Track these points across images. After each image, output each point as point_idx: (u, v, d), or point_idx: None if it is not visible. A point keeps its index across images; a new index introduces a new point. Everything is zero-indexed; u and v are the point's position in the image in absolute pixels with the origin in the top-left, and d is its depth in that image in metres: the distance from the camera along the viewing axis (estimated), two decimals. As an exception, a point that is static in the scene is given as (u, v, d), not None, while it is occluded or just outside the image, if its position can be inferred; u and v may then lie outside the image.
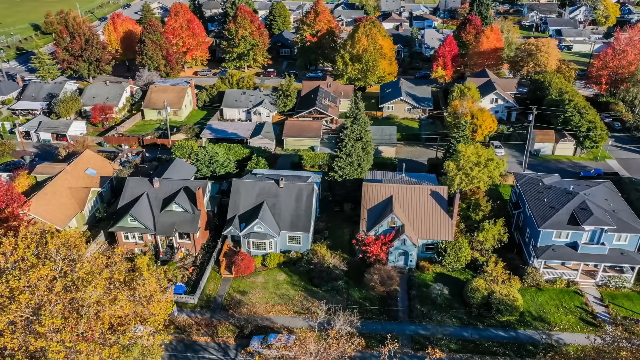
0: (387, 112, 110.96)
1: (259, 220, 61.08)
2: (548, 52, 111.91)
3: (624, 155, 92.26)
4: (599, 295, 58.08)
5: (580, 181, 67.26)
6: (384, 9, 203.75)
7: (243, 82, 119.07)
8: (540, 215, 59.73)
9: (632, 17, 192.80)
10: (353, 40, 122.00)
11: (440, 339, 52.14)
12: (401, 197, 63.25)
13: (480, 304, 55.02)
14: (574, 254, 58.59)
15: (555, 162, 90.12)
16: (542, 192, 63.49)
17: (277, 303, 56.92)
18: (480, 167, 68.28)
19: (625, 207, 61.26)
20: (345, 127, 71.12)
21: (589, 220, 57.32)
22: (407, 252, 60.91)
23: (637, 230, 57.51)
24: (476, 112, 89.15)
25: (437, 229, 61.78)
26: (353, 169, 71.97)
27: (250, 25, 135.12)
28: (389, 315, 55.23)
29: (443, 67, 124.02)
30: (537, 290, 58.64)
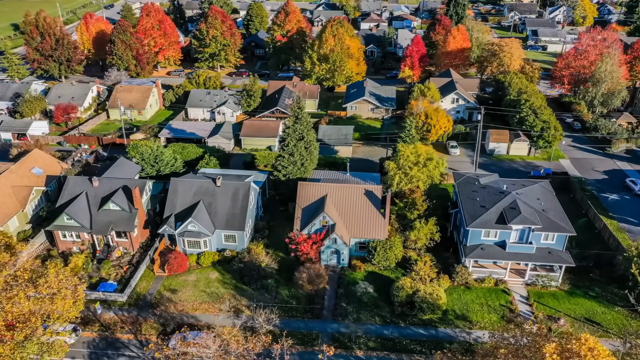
0: (351, 112, 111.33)
1: (192, 219, 61.51)
2: (511, 52, 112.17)
3: (578, 155, 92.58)
4: (526, 293, 58.39)
5: (517, 181, 67.52)
6: (365, 9, 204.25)
7: (210, 81, 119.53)
8: (470, 214, 60.11)
9: (611, 18, 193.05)
10: (320, 41, 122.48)
11: (360, 337, 52.49)
12: (335, 196, 63.65)
13: (404, 302, 55.37)
14: (503, 253, 58.97)
15: (509, 161, 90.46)
16: (477, 191, 63.83)
17: (205, 301, 57.35)
18: (419, 166, 68.68)
19: (556, 206, 61.56)
20: (288, 127, 71.52)
21: (516, 219, 57.67)
22: (338, 250, 61.28)
23: (564, 230, 57.84)
24: (430, 112, 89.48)
25: (370, 227, 62.17)
26: (296, 168, 72.34)
27: (221, 25, 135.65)
28: (314, 313, 55.58)
29: (411, 67, 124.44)
30: (465, 289, 59.00)
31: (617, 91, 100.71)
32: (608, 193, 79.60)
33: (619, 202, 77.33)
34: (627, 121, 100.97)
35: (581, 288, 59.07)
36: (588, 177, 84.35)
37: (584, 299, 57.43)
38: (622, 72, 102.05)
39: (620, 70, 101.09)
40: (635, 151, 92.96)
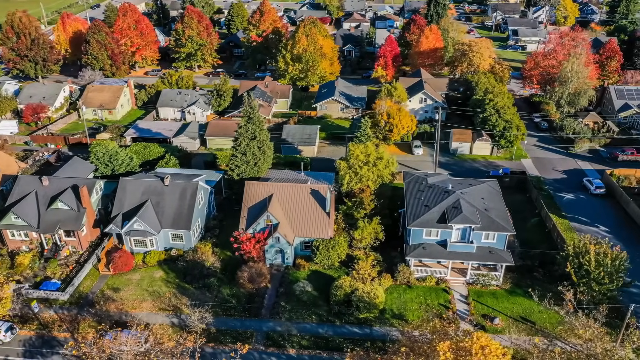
0: (322, 112, 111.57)
1: (137, 218, 61.81)
2: (480, 52, 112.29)
3: (541, 155, 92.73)
4: (467, 292, 58.61)
5: (466, 180, 67.69)
6: (349, 9, 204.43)
7: (182, 81, 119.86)
8: (412, 213, 60.32)
9: (594, 17, 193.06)
10: (294, 41, 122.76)
11: (294, 336, 52.72)
12: (281, 195, 63.90)
13: (342, 301, 55.60)
14: (444, 252, 59.16)
15: (471, 161, 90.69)
16: (423, 190, 64.03)
17: (146, 300, 57.64)
18: (369, 166, 68.89)
19: (500, 206, 61.73)
20: (240, 127, 71.80)
21: (456, 218, 57.87)
22: (282, 250, 61.54)
23: (503, 229, 58.01)
24: (393, 112, 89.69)
25: (314, 227, 62.43)
26: (249, 167, 72.66)
27: (197, 25, 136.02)
28: (252, 312, 55.85)
29: (384, 67, 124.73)
30: (406, 288, 59.22)
31: (583, 91, 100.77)
32: (564, 193, 79.77)
33: (574, 201, 77.49)
34: (594, 121, 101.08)
35: (522, 287, 59.19)
36: (547, 177, 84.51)
37: (523, 298, 57.59)
38: (589, 72, 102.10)
39: (586, 70, 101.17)
40: (598, 151, 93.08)
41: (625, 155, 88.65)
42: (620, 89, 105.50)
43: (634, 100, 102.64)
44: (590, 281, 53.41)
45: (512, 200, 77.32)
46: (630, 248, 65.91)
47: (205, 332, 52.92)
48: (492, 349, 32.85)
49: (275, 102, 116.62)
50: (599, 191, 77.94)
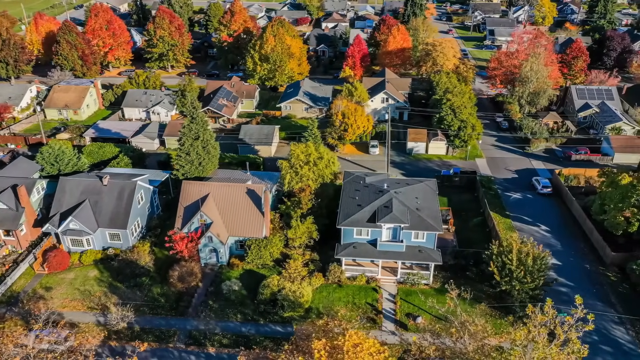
0: (286, 112, 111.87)
1: (72, 217, 62.18)
2: (444, 52, 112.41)
3: (496, 155, 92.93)
4: (396, 291, 58.85)
5: (404, 180, 67.96)
6: (330, 9, 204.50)
7: (149, 81, 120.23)
8: (345, 212, 60.56)
9: (574, 17, 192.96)
10: (262, 41, 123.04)
11: (216, 334, 53.03)
12: (218, 195, 64.21)
13: (268, 300, 55.90)
14: (374, 251, 59.40)
15: (426, 160, 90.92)
16: (359, 190, 64.26)
17: (76, 299, 57.99)
18: (310, 165, 69.15)
19: (433, 205, 61.89)
20: (184, 127, 72.14)
21: (385, 218, 58.09)
22: (216, 249, 61.85)
23: (433, 228, 58.23)
24: (347, 112, 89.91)
25: (249, 226, 62.74)
26: (194, 167, 73.03)
27: (169, 25, 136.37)
28: (178, 311, 56.17)
29: (352, 67, 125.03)
30: (337, 287, 59.48)
31: (542, 90, 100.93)
32: (512, 192, 79.95)
33: (520, 200, 77.68)
34: (554, 120, 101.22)
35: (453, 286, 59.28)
36: (498, 176, 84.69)
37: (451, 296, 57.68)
38: (549, 71, 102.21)
39: (546, 70, 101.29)
40: (554, 150, 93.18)
41: (579, 154, 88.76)
42: (582, 88, 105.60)
43: (594, 100, 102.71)
44: (512, 280, 53.61)
45: (460, 199, 78.00)
46: (566, 247, 66.62)
47: (129, 330, 53.29)
48: (366, 347, 33.08)
49: (242, 102, 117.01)
50: (545, 190, 78.13)
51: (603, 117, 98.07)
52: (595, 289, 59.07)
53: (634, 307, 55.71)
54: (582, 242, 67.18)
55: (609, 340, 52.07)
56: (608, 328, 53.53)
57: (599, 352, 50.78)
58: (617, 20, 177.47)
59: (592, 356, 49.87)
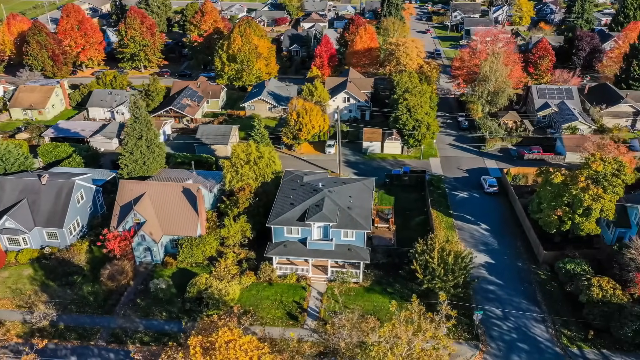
0: (250, 112, 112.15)
1: (7, 216, 62.56)
2: (407, 52, 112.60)
3: (451, 154, 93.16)
4: (325, 290, 59.14)
5: (341, 179, 68.31)
6: (310, 9, 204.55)
7: (115, 81, 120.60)
8: (276, 211, 60.85)
9: (554, 17, 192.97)
10: (229, 41, 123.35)
11: (138, 332, 53.36)
12: (154, 194, 64.55)
13: (195, 298, 56.23)
14: (304, 250, 59.72)
15: (380, 160, 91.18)
16: (295, 189, 64.58)
17: (6, 297, 58.32)
18: (250, 164, 69.47)
19: (367, 204, 62.21)
20: (127, 126, 72.52)
21: (314, 216, 58.39)
22: (150, 247, 62.19)
23: (361, 227, 58.48)
24: (302, 111, 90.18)
25: (183, 225, 63.07)
26: (138, 166, 73.42)
27: (140, 25, 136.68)
28: (106, 309, 56.51)
29: (320, 66, 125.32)
30: (267, 285, 59.78)
31: (501, 90, 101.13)
32: (460, 191, 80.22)
33: (466, 199, 77.94)
34: (513, 120, 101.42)
35: (382, 284, 59.70)
36: (450, 176, 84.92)
37: (379, 295, 58.08)
38: (509, 71, 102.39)
39: (505, 69, 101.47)
40: (508, 150, 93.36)
41: (532, 154, 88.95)
42: (542, 88, 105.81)
43: (554, 100, 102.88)
44: (433, 278, 53.88)
45: (407, 198, 78.30)
46: (502, 246, 66.99)
47: (53, 328, 53.66)
48: (239, 343, 33.37)
49: (207, 102, 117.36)
50: (491, 189, 78.40)
51: (560, 116, 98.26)
52: (524, 287, 59.34)
53: (559, 305, 55.95)
54: (519, 241, 67.44)
55: (527, 338, 52.33)
56: (528, 326, 53.79)
57: (514, 349, 51.06)
58: (595, 20, 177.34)
59: (507, 353, 50.45)
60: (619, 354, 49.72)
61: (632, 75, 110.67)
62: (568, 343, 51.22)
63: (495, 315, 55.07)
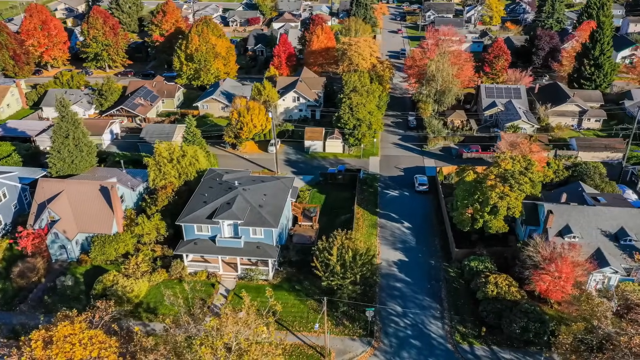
0: (204, 111, 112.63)
1: None
2: (359, 51, 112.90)
3: (393, 153, 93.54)
4: (233, 287, 59.57)
5: (261, 177, 68.68)
6: (285, 9, 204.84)
7: (73, 81, 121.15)
8: (188, 209, 61.30)
9: (527, 17, 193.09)
10: (187, 40, 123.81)
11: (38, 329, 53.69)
12: (71, 192, 65.00)
13: (100, 295, 56.65)
14: (214, 247, 60.14)
15: (321, 159, 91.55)
16: (213, 187, 65.07)
17: None
18: (173, 163, 69.92)
19: (280, 202, 62.61)
20: (54, 125, 73.01)
21: (223, 214, 58.84)
22: (65, 245, 62.65)
23: (269, 225, 58.89)
24: (242, 110, 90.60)
25: (99, 222, 63.50)
26: (66, 165, 73.91)
27: (102, 25, 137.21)
28: (12, 306, 56.97)
29: (278, 66, 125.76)
30: (177, 282, 60.20)
31: (447, 89, 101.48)
32: (392, 190, 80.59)
33: (396, 198, 78.32)
34: (460, 119, 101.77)
35: (292, 282, 60.08)
36: (386, 174, 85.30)
37: (286, 292, 58.47)
38: (455, 70, 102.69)
39: (452, 68, 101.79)
40: (450, 149, 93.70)
41: (470, 152, 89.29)
42: (490, 87, 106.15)
43: (502, 99, 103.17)
44: (331, 275, 54.27)
45: (339, 197, 78.69)
46: (420, 244, 67.60)
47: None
48: (80, 337, 33.83)
49: (163, 101, 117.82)
50: (422, 188, 78.79)
51: (506, 115, 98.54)
52: (431, 284, 59.70)
53: (460, 303, 56.29)
54: (438, 239, 67.80)
55: (422, 335, 52.71)
56: (426, 323, 54.17)
57: (406, 346, 51.42)
58: (567, 20, 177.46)
59: (398, 350, 50.82)
60: (508, 350, 50.09)
61: (584, 74, 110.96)
62: (460, 339, 51.59)
63: (395, 313, 55.48)
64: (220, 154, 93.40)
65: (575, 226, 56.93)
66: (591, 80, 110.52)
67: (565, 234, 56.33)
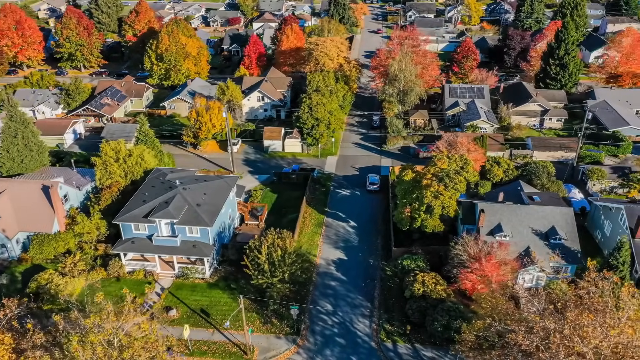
0: (171, 111, 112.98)
1: None
2: (325, 51, 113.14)
3: (352, 152, 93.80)
4: (169, 285, 59.93)
5: (207, 177, 68.81)
6: (267, 8, 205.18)
7: (42, 81, 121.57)
8: (127, 208, 61.61)
9: (508, 17, 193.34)
10: (157, 40, 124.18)
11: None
12: (14, 191, 65.34)
13: (34, 293, 56.96)
14: (151, 246, 60.43)
15: (279, 158, 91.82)
16: (155, 186, 65.36)
17: None
18: (120, 162, 70.26)
19: (220, 202, 62.84)
20: (2, 125, 73.38)
21: (158, 213, 59.14)
22: (4, 244, 62.99)
23: (204, 224, 59.14)
24: (201, 110, 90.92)
25: (40, 221, 63.85)
26: (16, 164, 74.26)
27: (76, 25, 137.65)
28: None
29: (248, 66, 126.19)
30: (115, 281, 60.54)
31: (409, 89, 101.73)
32: (344, 189, 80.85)
33: (347, 197, 78.59)
34: (422, 118, 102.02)
35: (229, 280, 60.37)
36: (340, 174, 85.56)
37: (220, 291, 58.75)
38: (418, 70, 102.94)
39: (415, 68, 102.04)
40: (409, 148, 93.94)
41: (427, 152, 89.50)
42: (454, 87, 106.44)
43: (465, 99, 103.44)
44: (259, 273, 54.58)
45: (290, 196, 78.95)
46: (362, 243, 68.00)
47: None
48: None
49: (131, 101, 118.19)
50: (372, 187, 79.06)
51: (467, 115, 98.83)
52: (365, 283, 59.94)
53: (392, 301, 56.48)
54: (381, 238, 68.04)
55: (348, 333, 52.96)
56: (354, 321, 54.43)
57: (330, 344, 51.69)
58: (546, 20, 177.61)
59: (322, 348, 51.12)
60: (430, 348, 50.33)
61: (550, 74, 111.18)
62: (385, 338, 51.84)
63: (325, 311, 55.74)
64: (180, 154, 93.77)
65: (507, 225, 57.19)
66: (557, 80, 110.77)
67: (496, 233, 56.61)
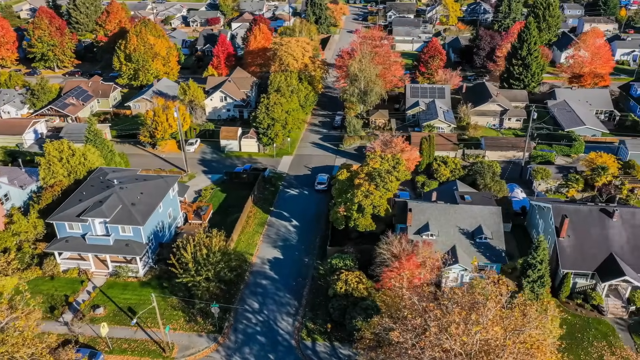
0: (136, 110, 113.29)
1: None
2: (289, 51, 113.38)
3: (309, 152, 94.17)
4: (102, 283, 60.33)
5: (143, 176, 69.24)
6: (248, 9, 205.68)
7: (10, 81, 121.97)
8: (62, 207, 61.97)
9: (487, 17, 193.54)
10: (126, 41, 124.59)
11: None
12: (-47, 190, 65.80)
13: (-37, 292, 57.41)
14: (84, 245, 60.82)
15: (235, 158, 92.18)
16: (94, 185, 65.76)
17: None
18: (63, 162, 70.65)
19: (156, 201, 63.20)
20: (-51, 124, 73.84)
21: (90, 212, 59.54)
22: (-58, 243, 63.46)
23: (136, 223, 59.49)
24: (158, 110, 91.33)
25: (-23, 221, 64.28)
26: (-37, 164, 74.71)
27: (48, 26, 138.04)
28: None
29: (217, 66, 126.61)
30: (49, 279, 60.94)
31: (370, 89, 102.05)
32: (293, 188, 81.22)
33: (295, 197, 78.99)
34: (382, 118, 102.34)
35: (162, 279, 60.71)
36: (292, 173, 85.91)
37: (153, 289, 59.03)
38: (378, 71, 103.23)
39: (374, 69, 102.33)
40: (365, 147, 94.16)
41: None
42: (415, 87, 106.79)
43: (426, 98, 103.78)
44: (185, 272, 54.94)
45: (239, 195, 79.28)
46: (300, 242, 68.50)
47: None
48: None
49: (98, 101, 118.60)
50: (320, 187, 79.47)
51: (426, 114, 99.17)
52: (296, 282, 60.32)
53: (319, 300, 56.84)
54: (319, 237, 68.35)
55: (270, 331, 53.36)
56: (278, 319, 54.81)
57: (251, 342, 52.06)
58: (522, 19, 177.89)
59: (241, 346, 51.46)
60: (348, 347, 50.64)
61: (513, 74, 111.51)
62: (305, 336, 52.22)
63: (251, 309, 56.11)
64: (138, 154, 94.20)
65: (435, 224, 57.56)
66: (519, 80, 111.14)
67: (423, 232, 56.96)
